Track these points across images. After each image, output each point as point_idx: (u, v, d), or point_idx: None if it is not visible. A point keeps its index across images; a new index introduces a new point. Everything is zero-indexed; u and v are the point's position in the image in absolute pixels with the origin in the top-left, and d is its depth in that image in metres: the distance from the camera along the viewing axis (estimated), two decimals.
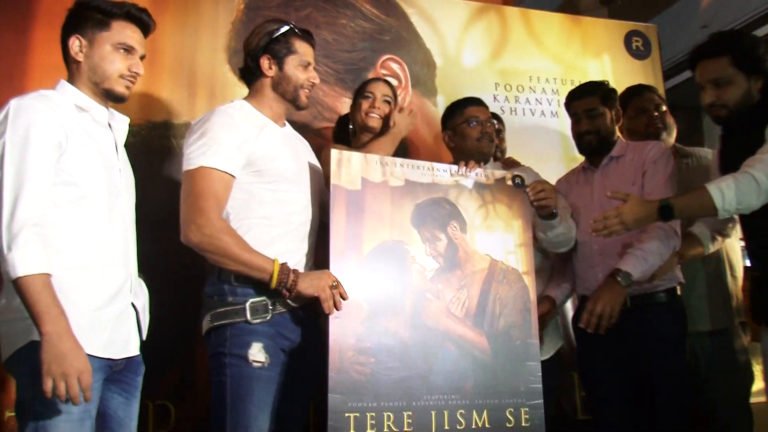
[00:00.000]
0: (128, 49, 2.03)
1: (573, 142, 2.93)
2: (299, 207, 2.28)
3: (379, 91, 2.76)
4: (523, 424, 2.25)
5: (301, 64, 2.34)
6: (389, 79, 3.17)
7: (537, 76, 3.95)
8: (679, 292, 2.67)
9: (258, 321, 2.11)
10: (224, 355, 2.10)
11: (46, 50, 2.90)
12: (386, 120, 2.69)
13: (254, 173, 2.18)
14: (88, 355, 1.75)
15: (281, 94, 2.33)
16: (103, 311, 1.90)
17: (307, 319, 2.23)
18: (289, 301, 2.14)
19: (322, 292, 2.09)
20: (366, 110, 2.72)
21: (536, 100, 3.89)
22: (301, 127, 2.86)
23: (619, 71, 4.12)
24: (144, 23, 2.10)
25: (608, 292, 2.42)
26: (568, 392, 3.26)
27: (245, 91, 2.43)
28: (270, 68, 2.30)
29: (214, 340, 2.14)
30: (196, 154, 2.11)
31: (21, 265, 1.67)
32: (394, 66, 3.58)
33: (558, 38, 4.07)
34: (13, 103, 1.85)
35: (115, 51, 2.02)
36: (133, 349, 2.01)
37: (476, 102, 2.84)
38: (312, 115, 3.33)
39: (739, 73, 2.31)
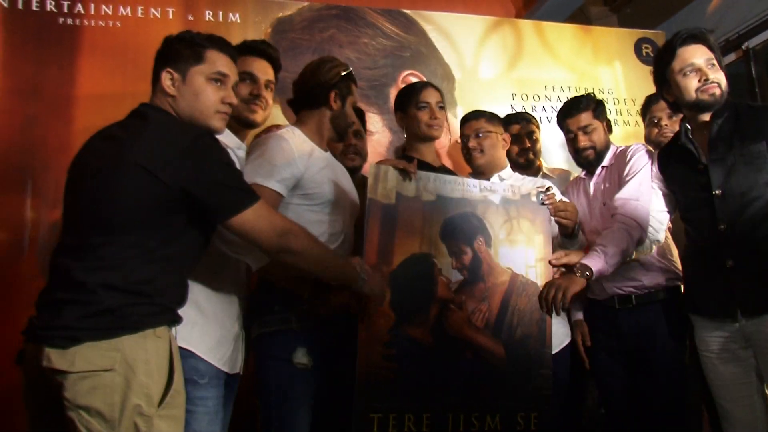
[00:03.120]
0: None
1: None
2: (339, 228, 2.32)
3: (433, 98, 2.74)
4: (532, 429, 2.27)
5: (353, 105, 2.44)
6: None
7: (552, 85, 3.94)
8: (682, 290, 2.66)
9: (302, 327, 2.17)
10: (271, 359, 2.18)
11: (91, 80, 2.97)
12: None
13: (302, 196, 2.23)
14: (215, 366, 2.01)
15: (335, 127, 2.39)
16: (230, 330, 2.10)
17: (346, 326, 2.26)
18: (322, 311, 2.19)
19: (353, 301, 2.14)
20: (427, 122, 2.71)
21: (552, 108, 3.87)
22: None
23: (630, 77, 4.10)
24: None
25: (562, 279, 2.35)
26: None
27: (276, 111, 2.49)
28: (335, 102, 2.35)
29: (261, 344, 2.21)
30: (252, 172, 2.14)
31: None
32: (414, 81, 3.59)
33: (570, 48, 4.05)
34: None
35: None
36: (241, 366, 2.18)
37: (475, 114, 2.84)
38: None
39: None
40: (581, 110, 2.75)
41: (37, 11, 2.96)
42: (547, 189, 2.49)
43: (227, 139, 2.19)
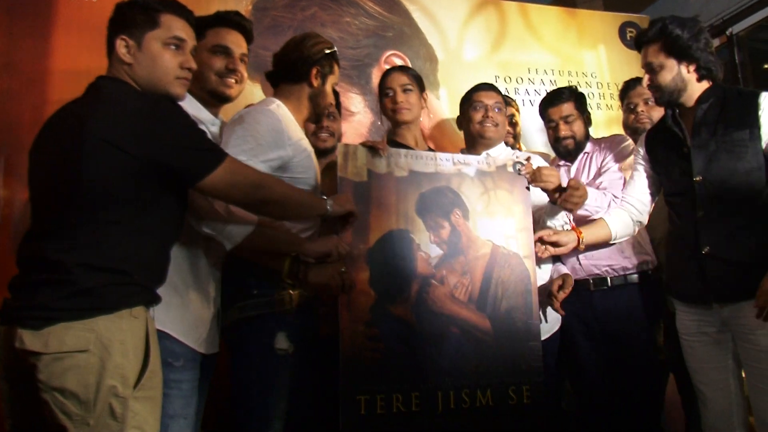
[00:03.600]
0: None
1: None
2: None
3: (396, 82, 2.67)
4: (525, 401, 2.25)
5: (333, 86, 2.37)
6: None
7: (535, 68, 3.92)
8: (651, 273, 2.70)
9: (282, 311, 2.10)
10: (252, 344, 2.10)
11: (66, 55, 2.90)
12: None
13: (288, 179, 2.12)
14: (191, 347, 1.97)
15: (313, 106, 2.31)
16: (207, 311, 2.07)
17: (325, 307, 2.25)
18: (301, 291, 2.12)
19: (331, 280, 2.09)
20: (390, 107, 2.65)
21: (534, 91, 3.86)
22: None
23: (614, 61, 4.08)
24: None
25: None
26: None
27: (256, 90, 2.42)
28: (316, 78, 2.28)
29: (240, 330, 2.13)
30: (234, 143, 2.05)
31: None
32: (397, 61, 3.54)
33: (555, 30, 4.02)
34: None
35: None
36: (217, 347, 2.13)
37: (483, 87, 2.77)
38: None
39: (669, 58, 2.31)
40: (564, 101, 2.81)
41: None
42: (528, 159, 2.46)
43: (200, 113, 2.15)
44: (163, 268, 1.81)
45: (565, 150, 2.82)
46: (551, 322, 2.59)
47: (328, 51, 2.30)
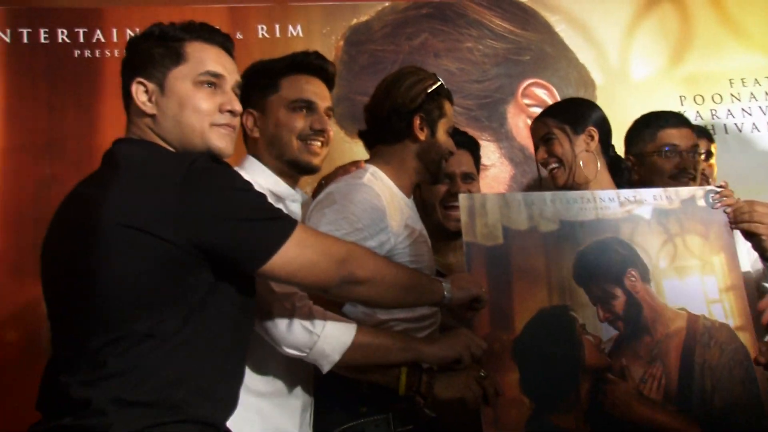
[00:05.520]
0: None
1: None
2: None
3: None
4: None
5: (448, 130, 2.41)
6: None
7: (741, 78, 3.81)
8: None
9: (398, 427, 2.13)
10: None
11: (119, 129, 3.12)
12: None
13: None
14: None
15: (426, 165, 2.37)
16: None
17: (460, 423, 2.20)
18: (426, 410, 2.09)
19: (466, 391, 2.06)
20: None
21: (743, 110, 3.74)
22: None
23: None
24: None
25: None
26: None
27: (356, 147, 2.49)
28: (421, 130, 2.33)
29: None
30: (326, 228, 2.10)
31: None
32: (540, 92, 3.60)
33: (766, 20, 3.89)
34: None
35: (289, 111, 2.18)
36: None
37: (676, 121, 2.72)
38: None
39: None
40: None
41: (46, 44, 3.19)
42: (720, 186, 2.36)
43: (278, 186, 2.21)
44: (230, 392, 1.77)
45: None
46: None
47: (431, 89, 2.34)
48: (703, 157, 2.86)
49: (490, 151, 3.53)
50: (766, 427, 2.17)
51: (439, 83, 2.38)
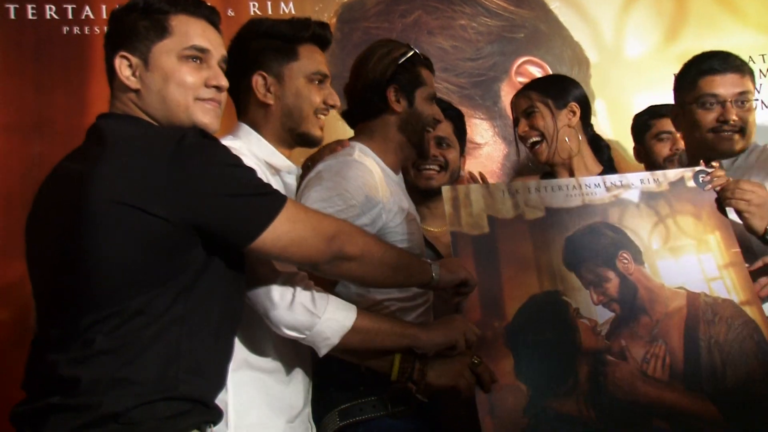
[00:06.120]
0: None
1: None
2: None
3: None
4: None
5: (429, 98, 2.38)
6: None
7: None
8: None
9: (400, 412, 2.10)
10: None
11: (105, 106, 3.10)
12: None
13: None
14: None
15: (408, 136, 2.35)
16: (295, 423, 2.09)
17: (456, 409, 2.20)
18: (418, 396, 2.08)
19: (460, 379, 2.05)
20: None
21: None
22: None
23: None
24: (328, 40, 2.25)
25: None
26: None
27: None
28: (397, 101, 2.31)
29: None
30: (318, 206, 2.08)
31: None
32: (534, 70, 3.61)
33: None
34: None
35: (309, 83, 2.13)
36: None
37: (719, 65, 2.55)
38: None
39: None
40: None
41: (34, 20, 3.15)
42: (709, 165, 2.36)
43: (273, 158, 2.16)
44: (219, 370, 1.77)
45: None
46: None
47: (401, 59, 2.32)
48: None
49: (483, 130, 3.54)
50: None
51: (411, 52, 2.35)
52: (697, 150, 2.57)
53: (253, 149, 2.06)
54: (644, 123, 3.24)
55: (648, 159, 3.20)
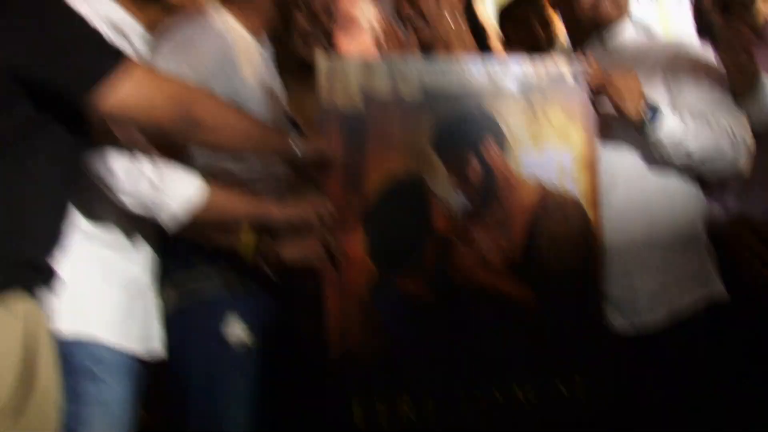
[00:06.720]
0: None
1: None
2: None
3: None
4: (578, 395, 2.25)
5: None
6: None
7: None
8: None
9: (239, 288, 2.12)
10: (195, 332, 2.10)
11: None
12: None
13: None
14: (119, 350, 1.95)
15: None
16: (141, 297, 2.07)
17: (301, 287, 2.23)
18: (268, 271, 2.11)
19: (312, 253, 2.05)
20: None
21: None
22: None
23: None
24: None
25: None
26: None
27: None
28: None
29: (181, 321, 2.13)
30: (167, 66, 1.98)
31: None
32: None
33: None
34: None
35: None
36: (161, 349, 2.13)
37: None
38: None
39: None
40: None
41: None
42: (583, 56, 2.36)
43: (116, 14, 1.98)
44: (53, 231, 1.73)
45: None
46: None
47: None
48: None
49: None
50: (598, 297, 2.30)
51: None
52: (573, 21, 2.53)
53: (93, 4, 1.90)
54: None
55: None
